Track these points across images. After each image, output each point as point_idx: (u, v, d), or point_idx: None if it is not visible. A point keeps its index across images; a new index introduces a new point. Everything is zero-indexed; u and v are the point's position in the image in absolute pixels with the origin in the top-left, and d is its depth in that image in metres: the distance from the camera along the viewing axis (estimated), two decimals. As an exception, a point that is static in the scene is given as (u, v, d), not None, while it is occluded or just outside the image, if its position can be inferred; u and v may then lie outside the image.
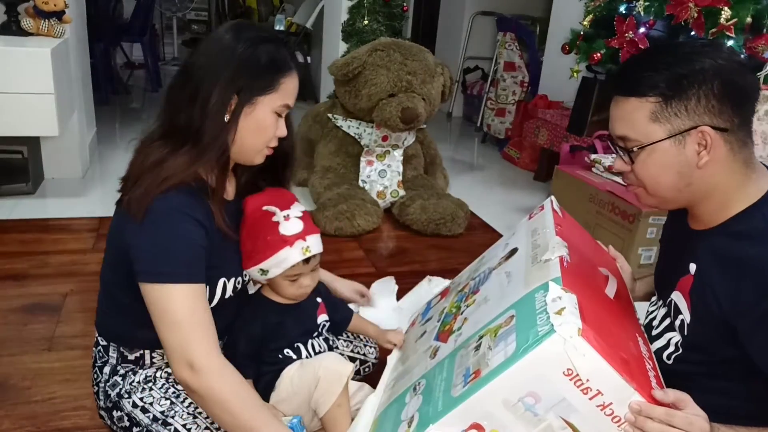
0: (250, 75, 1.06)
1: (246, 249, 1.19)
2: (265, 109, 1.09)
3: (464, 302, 1.16)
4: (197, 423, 1.10)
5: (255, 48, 1.06)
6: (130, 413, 1.15)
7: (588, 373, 0.81)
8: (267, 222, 1.17)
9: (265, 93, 1.08)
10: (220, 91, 1.04)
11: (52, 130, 2.49)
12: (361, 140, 2.93)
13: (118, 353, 1.19)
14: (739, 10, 2.43)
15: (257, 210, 1.18)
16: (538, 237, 1.11)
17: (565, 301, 0.86)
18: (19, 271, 2.14)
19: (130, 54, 6.07)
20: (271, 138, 1.12)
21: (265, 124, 1.10)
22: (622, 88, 0.97)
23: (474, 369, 0.90)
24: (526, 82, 4.49)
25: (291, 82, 1.11)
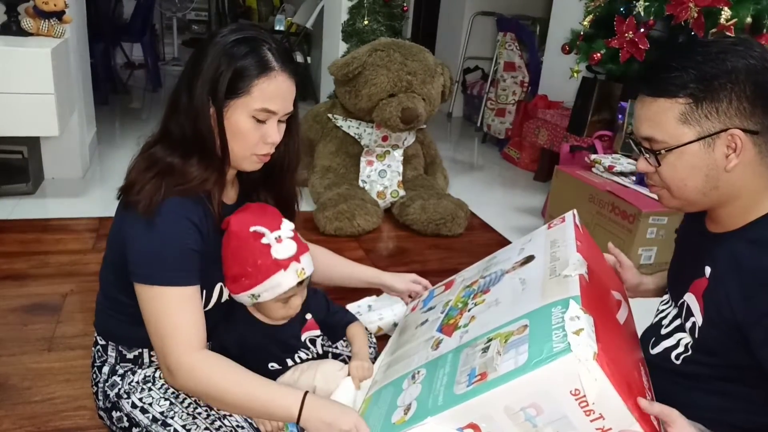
0: (221, 79, 1.02)
1: (233, 273, 1.12)
2: (239, 113, 1.04)
3: (472, 299, 1.16)
4: (197, 423, 1.10)
5: (229, 50, 1.03)
6: (129, 414, 1.14)
7: (595, 396, 0.81)
8: (256, 245, 1.10)
9: (237, 97, 1.03)
10: (199, 97, 1.03)
11: (52, 130, 2.49)
12: (361, 140, 2.93)
13: (116, 352, 1.19)
14: (739, 10, 2.43)
15: (243, 231, 1.10)
16: (557, 249, 1.11)
17: (583, 321, 0.86)
18: (19, 271, 2.14)
19: (130, 54, 6.07)
20: (254, 144, 1.07)
21: (241, 130, 1.05)
22: (649, 88, 0.94)
23: (480, 371, 0.90)
24: (526, 82, 4.49)
25: (270, 84, 1.04)
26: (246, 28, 1.08)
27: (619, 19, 2.73)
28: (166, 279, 1.02)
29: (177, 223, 1.03)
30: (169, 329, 1.02)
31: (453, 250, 2.65)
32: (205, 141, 1.05)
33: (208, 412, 1.12)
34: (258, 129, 1.06)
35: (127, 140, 3.81)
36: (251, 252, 1.10)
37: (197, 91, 1.03)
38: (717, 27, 2.45)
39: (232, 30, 1.07)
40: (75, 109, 2.93)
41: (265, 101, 1.04)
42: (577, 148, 3.11)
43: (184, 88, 1.06)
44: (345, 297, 2.04)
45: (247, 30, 1.08)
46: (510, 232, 2.88)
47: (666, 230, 2.33)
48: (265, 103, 1.04)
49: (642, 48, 2.67)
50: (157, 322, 1.03)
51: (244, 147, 1.07)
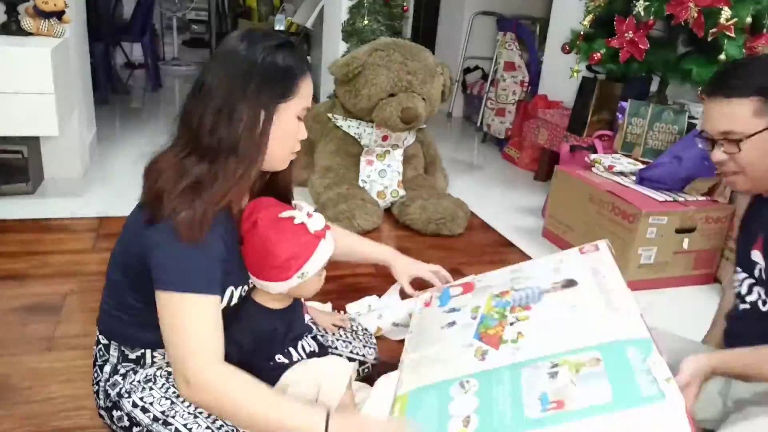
0: (272, 84, 1.06)
1: (279, 262, 1.14)
2: (289, 114, 1.09)
3: (510, 312, 1.16)
4: (198, 423, 1.10)
5: (272, 56, 1.06)
6: (130, 413, 1.14)
7: None
8: (293, 227, 1.15)
9: (287, 99, 1.08)
10: (249, 106, 1.04)
11: (52, 130, 2.49)
12: (361, 140, 2.93)
13: (119, 352, 1.19)
14: (739, 10, 2.44)
15: (272, 222, 1.14)
16: (602, 279, 1.14)
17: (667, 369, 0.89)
18: (19, 271, 2.14)
19: (130, 54, 6.07)
20: (295, 143, 1.14)
21: (290, 130, 1.11)
22: (723, 92, 1.13)
23: (555, 398, 0.91)
24: (526, 82, 4.49)
25: (308, 84, 1.12)
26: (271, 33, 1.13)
27: (619, 19, 2.73)
28: (191, 286, 1.01)
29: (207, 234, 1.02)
30: (189, 339, 1.01)
31: (453, 250, 2.65)
32: (254, 149, 1.06)
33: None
34: (299, 128, 1.13)
35: (127, 140, 3.81)
36: (292, 234, 1.15)
37: (247, 102, 1.04)
38: (717, 27, 2.45)
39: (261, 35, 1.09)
40: (75, 109, 2.93)
41: (306, 100, 1.12)
42: (577, 148, 3.11)
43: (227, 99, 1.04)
44: (345, 297, 2.04)
45: (275, 34, 1.13)
46: (510, 232, 2.88)
47: (666, 230, 2.33)
48: (305, 101, 1.12)
49: (642, 48, 2.67)
50: (177, 331, 1.01)
51: (288, 147, 1.13)
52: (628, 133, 2.83)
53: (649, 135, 2.78)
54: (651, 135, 2.78)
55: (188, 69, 6.63)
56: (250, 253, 1.16)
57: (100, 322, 1.23)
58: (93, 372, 1.23)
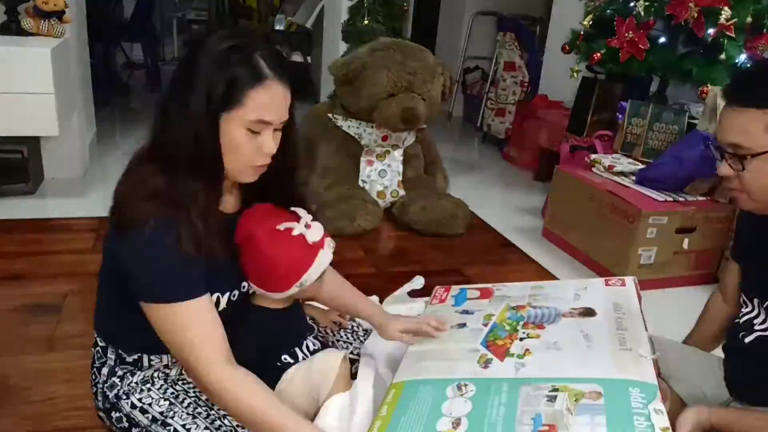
0: (213, 91, 0.97)
1: (278, 274, 1.14)
2: (234, 126, 0.99)
3: (522, 327, 1.17)
4: (197, 423, 1.10)
5: (220, 59, 0.98)
6: (128, 414, 1.14)
7: None
8: (288, 239, 1.12)
9: (230, 109, 0.98)
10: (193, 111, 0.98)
11: (52, 130, 2.49)
12: (361, 140, 2.93)
13: (116, 355, 1.19)
14: (739, 10, 2.44)
15: (270, 236, 1.12)
16: (622, 317, 1.13)
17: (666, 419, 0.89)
18: (19, 271, 2.14)
19: (130, 54, 6.07)
20: (250, 156, 1.03)
21: (236, 142, 1.00)
22: (739, 100, 1.01)
23: (548, 421, 0.92)
24: (526, 82, 4.49)
25: (264, 93, 0.99)
26: (237, 34, 1.03)
27: (619, 19, 2.73)
28: (176, 295, 0.98)
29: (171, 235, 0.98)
30: (192, 347, 0.99)
31: (453, 250, 2.65)
32: (201, 156, 1.00)
33: (208, 412, 1.12)
34: (253, 140, 1.02)
35: (127, 140, 3.82)
36: (290, 246, 1.13)
37: (191, 104, 0.98)
38: (717, 27, 2.45)
39: (222, 36, 1.01)
40: (75, 109, 2.93)
41: (260, 112, 0.99)
42: (577, 148, 3.11)
43: (175, 99, 1.01)
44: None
45: (239, 36, 1.03)
46: (510, 232, 2.88)
47: (666, 230, 2.33)
48: (259, 114, 0.99)
49: (642, 48, 2.67)
50: (176, 341, 1.00)
51: (240, 159, 1.03)
52: (628, 133, 2.83)
53: (649, 135, 2.78)
54: (651, 135, 2.78)
55: (188, 69, 6.63)
56: (248, 265, 1.14)
57: (97, 324, 1.23)
58: (91, 373, 1.23)
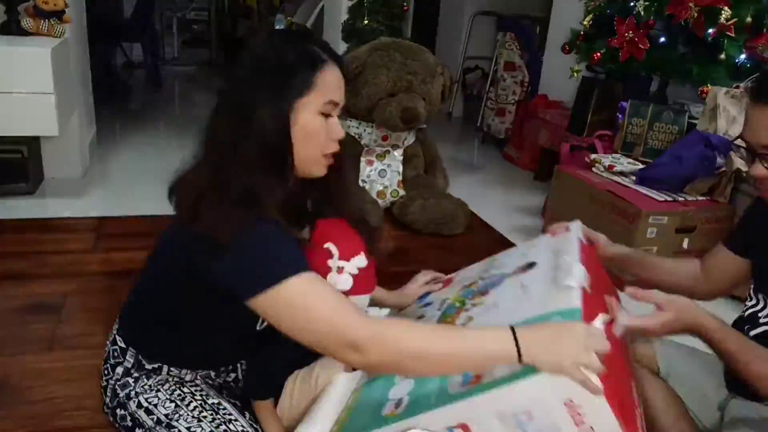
0: (282, 82, 0.97)
1: None
2: (307, 112, 1.00)
3: (470, 300, 1.16)
4: (202, 426, 1.09)
5: (279, 52, 0.99)
6: (133, 413, 1.14)
7: (589, 410, 0.82)
8: (321, 261, 1.05)
9: (303, 95, 0.99)
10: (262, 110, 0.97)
11: (52, 129, 2.49)
12: (361, 140, 2.93)
13: (135, 359, 1.17)
14: (739, 10, 2.44)
15: (321, 240, 1.07)
16: (560, 260, 1.10)
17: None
18: (19, 271, 2.14)
19: (130, 54, 6.07)
20: (324, 143, 1.03)
21: (312, 129, 1.01)
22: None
23: (475, 372, 0.91)
24: (526, 82, 4.49)
25: (328, 75, 1.01)
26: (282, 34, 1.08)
27: (619, 19, 2.74)
28: (289, 270, 0.92)
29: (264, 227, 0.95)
30: (330, 311, 0.91)
31: (453, 250, 2.65)
32: (280, 156, 0.99)
33: (213, 416, 1.11)
34: (326, 125, 1.03)
35: (127, 140, 3.81)
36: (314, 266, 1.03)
37: (263, 101, 0.97)
38: (717, 27, 2.45)
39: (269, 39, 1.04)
40: (75, 109, 2.93)
41: (331, 92, 1.02)
42: (577, 148, 3.11)
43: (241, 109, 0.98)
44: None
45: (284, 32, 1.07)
46: (510, 232, 2.88)
47: (666, 230, 2.33)
48: (330, 94, 1.01)
49: (642, 48, 2.67)
50: (311, 314, 0.91)
51: (314, 147, 1.02)
52: (628, 133, 2.83)
53: (649, 135, 2.78)
54: (651, 135, 2.78)
55: (188, 69, 6.63)
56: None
57: (123, 326, 1.19)
58: (103, 368, 1.22)
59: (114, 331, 1.21)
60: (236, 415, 1.13)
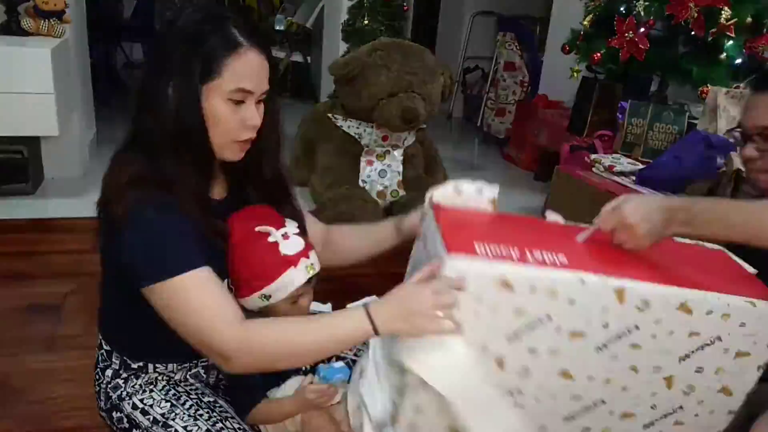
0: (192, 63, 0.95)
1: (243, 276, 1.08)
2: (215, 98, 0.97)
3: None
4: (198, 425, 1.09)
5: (192, 32, 0.96)
6: (129, 415, 1.14)
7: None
8: (263, 243, 1.06)
9: (209, 81, 0.96)
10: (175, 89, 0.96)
11: (52, 130, 2.49)
12: (361, 140, 2.93)
13: (120, 360, 1.18)
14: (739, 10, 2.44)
15: (249, 233, 1.07)
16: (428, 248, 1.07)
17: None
18: (19, 271, 2.14)
19: (130, 54, 6.06)
20: (234, 129, 1.00)
21: (219, 116, 0.98)
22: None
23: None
24: (526, 82, 4.49)
25: (241, 61, 0.96)
26: (208, 6, 1.01)
27: (619, 19, 2.73)
28: (175, 268, 0.93)
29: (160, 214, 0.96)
30: (202, 317, 0.93)
31: (453, 250, 2.65)
32: (189, 135, 0.97)
33: (209, 414, 1.11)
34: (236, 112, 0.99)
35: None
36: (259, 251, 1.06)
37: (169, 82, 0.96)
38: (717, 27, 2.45)
39: (193, 11, 1.00)
40: (75, 109, 2.93)
41: (239, 81, 0.97)
42: (577, 148, 3.11)
43: (153, 81, 0.98)
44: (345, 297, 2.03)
45: (209, 8, 1.01)
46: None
47: (666, 230, 2.33)
48: (238, 82, 0.97)
49: (642, 48, 2.67)
50: (186, 316, 0.94)
51: (224, 134, 1.00)
52: (628, 133, 2.83)
53: (649, 135, 2.78)
54: (651, 135, 2.78)
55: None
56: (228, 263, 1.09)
57: (102, 328, 1.20)
58: (94, 373, 1.23)
59: (98, 335, 1.21)
60: (232, 413, 1.13)
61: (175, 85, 0.96)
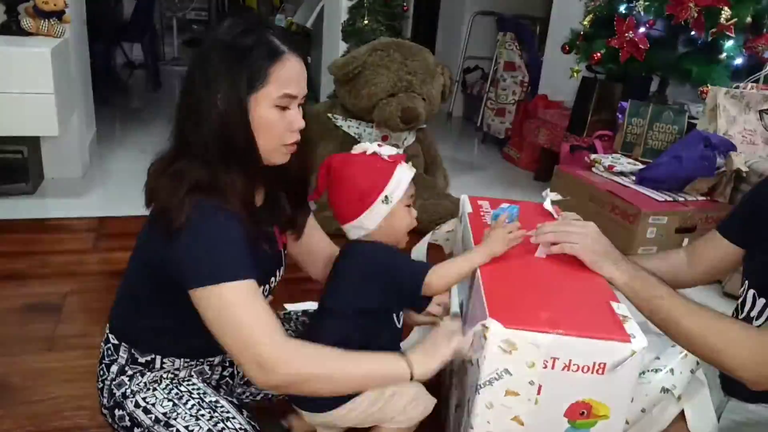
0: (239, 73, 1.00)
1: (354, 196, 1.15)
2: (263, 106, 1.02)
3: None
4: (200, 425, 1.09)
5: (235, 45, 1.01)
6: (132, 413, 1.14)
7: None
8: (365, 158, 1.17)
9: (256, 90, 1.01)
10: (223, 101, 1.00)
11: (52, 130, 2.49)
12: (361, 140, 2.93)
13: (128, 354, 1.18)
14: (739, 10, 2.44)
15: (347, 157, 1.18)
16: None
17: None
18: (19, 271, 2.14)
19: (130, 54, 6.06)
20: (281, 134, 1.06)
21: (268, 122, 1.03)
22: None
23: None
24: (526, 82, 4.49)
25: (284, 68, 1.02)
26: (244, 19, 1.07)
27: (619, 19, 2.74)
28: (229, 274, 0.97)
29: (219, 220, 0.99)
30: (250, 326, 0.97)
31: (453, 250, 2.65)
32: (239, 143, 1.02)
33: (211, 414, 1.11)
34: (283, 117, 1.05)
35: (127, 140, 3.81)
36: (367, 162, 1.16)
37: (217, 94, 1.00)
38: (717, 27, 2.45)
39: (231, 25, 1.04)
40: (75, 109, 2.93)
41: (285, 86, 1.03)
42: (577, 148, 3.11)
43: (198, 95, 1.02)
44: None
45: (246, 20, 1.06)
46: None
47: (666, 230, 2.33)
48: (284, 88, 1.03)
49: (642, 48, 2.67)
50: (232, 323, 0.97)
51: (273, 139, 1.06)
52: (628, 133, 2.83)
53: (649, 135, 2.78)
54: (651, 135, 2.78)
55: (188, 69, 6.62)
56: (334, 200, 1.17)
57: (113, 321, 1.21)
58: (98, 369, 1.22)
59: (106, 330, 1.22)
60: (234, 413, 1.13)
61: (222, 97, 1.00)
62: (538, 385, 0.93)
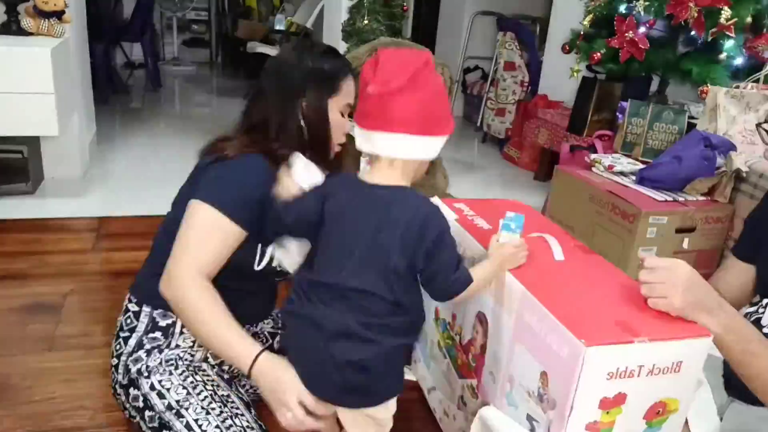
0: (321, 84, 1.23)
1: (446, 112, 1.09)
2: (335, 109, 1.26)
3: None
4: (209, 420, 1.11)
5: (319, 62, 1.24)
6: (146, 395, 1.17)
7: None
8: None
9: (332, 96, 1.25)
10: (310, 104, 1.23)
11: (52, 130, 2.49)
12: (361, 140, 2.93)
13: (149, 318, 1.21)
14: (739, 9, 2.44)
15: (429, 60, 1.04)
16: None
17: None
18: (19, 271, 2.14)
19: (130, 54, 6.07)
20: (341, 135, 1.31)
21: (337, 123, 1.27)
22: None
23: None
24: (526, 82, 4.49)
25: (349, 83, 1.27)
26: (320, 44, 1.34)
27: (619, 18, 2.73)
28: (219, 202, 1.12)
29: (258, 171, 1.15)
30: (188, 246, 1.11)
31: (453, 250, 2.65)
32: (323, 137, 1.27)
33: (221, 409, 1.14)
34: (343, 122, 1.29)
35: (127, 140, 3.81)
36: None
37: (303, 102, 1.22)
38: (717, 27, 2.45)
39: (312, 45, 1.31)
40: (75, 109, 2.93)
41: (348, 97, 1.28)
42: (577, 147, 3.11)
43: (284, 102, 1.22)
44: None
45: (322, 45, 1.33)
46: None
47: (666, 230, 2.33)
48: (349, 98, 1.28)
49: (642, 48, 2.67)
50: (184, 236, 1.12)
51: (337, 138, 1.31)
52: (628, 133, 2.83)
53: (649, 135, 2.78)
54: (651, 135, 2.78)
55: (188, 69, 6.63)
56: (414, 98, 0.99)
57: (135, 289, 1.28)
58: (114, 344, 1.24)
59: (126, 302, 1.26)
60: (243, 409, 1.16)
61: (308, 102, 1.23)
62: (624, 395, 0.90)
